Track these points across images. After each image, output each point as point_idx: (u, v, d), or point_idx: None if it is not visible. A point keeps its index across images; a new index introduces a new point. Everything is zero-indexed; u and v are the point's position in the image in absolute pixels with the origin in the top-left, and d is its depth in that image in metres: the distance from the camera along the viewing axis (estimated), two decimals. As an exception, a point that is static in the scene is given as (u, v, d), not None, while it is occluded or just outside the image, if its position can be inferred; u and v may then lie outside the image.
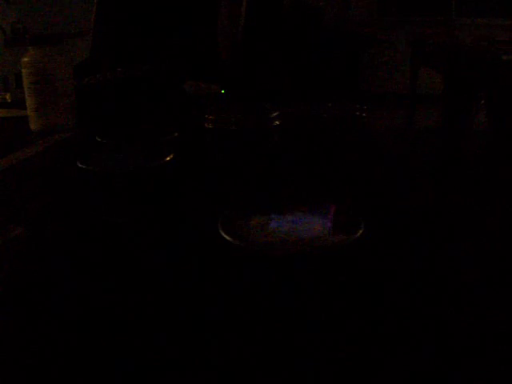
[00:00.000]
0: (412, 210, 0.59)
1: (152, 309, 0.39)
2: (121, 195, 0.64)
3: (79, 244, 0.50)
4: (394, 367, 0.33)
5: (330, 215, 0.49)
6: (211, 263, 0.45)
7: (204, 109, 0.78)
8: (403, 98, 4.74)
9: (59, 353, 0.34)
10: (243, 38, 1.60)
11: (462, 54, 3.31)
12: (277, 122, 0.76)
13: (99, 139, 0.80)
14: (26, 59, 0.91)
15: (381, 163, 0.77)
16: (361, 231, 0.46)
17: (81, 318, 0.38)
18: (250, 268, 0.44)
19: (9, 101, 1.27)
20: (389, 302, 0.40)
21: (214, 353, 0.34)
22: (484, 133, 3.31)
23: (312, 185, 0.65)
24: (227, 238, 0.45)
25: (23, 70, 0.91)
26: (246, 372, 0.33)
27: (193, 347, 0.35)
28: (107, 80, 1.20)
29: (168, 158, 0.69)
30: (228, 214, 0.49)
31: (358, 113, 0.83)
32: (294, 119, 0.83)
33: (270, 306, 0.39)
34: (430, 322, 0.37)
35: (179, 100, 1.18)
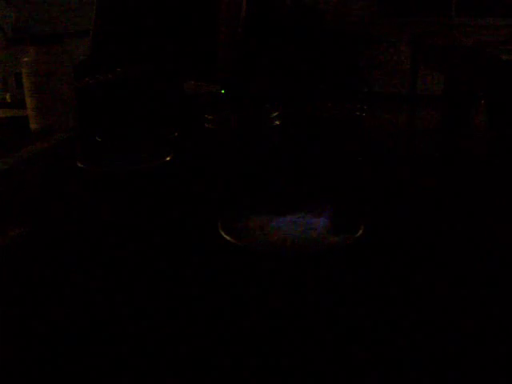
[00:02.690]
0: (412, 209, 0.59)
1: (152, 308, 0.39)
2: (121, 195, 0.64)
3: (79, 244, 0.50)
4: (394, 366, 0.33)
5: (329, 215, 0.49)
6: (211, 263, 0.45)
7: (204, 109, 0.78)
8: (403, 98, 4.73)
9: (59, 352, 0.34)
10: (243, 37, 1.60)
11: (461, 54, 3.31)
12: (277, 122, 0.76)
13: (99, 139, 0.80)
14: (26, 59, 0.91)
15: (381, 163, 0.77)
16: (361, 231, 0.46)
17: (81, 318, 0.38)
18: (250, 268, 0.44)
19: (9, 101, 1.27)
20: (389, 302, 0.40)
21: (214, 352, 0.34)
22: (484, 133, 3.31)
23: (312, 185, 0.65)
24: (227, 237, 0.45)
25: (23, 70, 0.91)
26: (245, 371, 0.33)
27: (193, 347, 0.35)
28: (107, 80, 1.20)
29: (168, 158, 0.69)
30: (228, 214, 0.49)
31: (357, 113, 0.83)
32: (294, 119, 0.83)
33: (270, 305, 0.39)
34: (429, 321, 0.37)
35: (179, 100, 1.18)
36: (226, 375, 0.32)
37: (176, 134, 0.83)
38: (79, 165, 0.67)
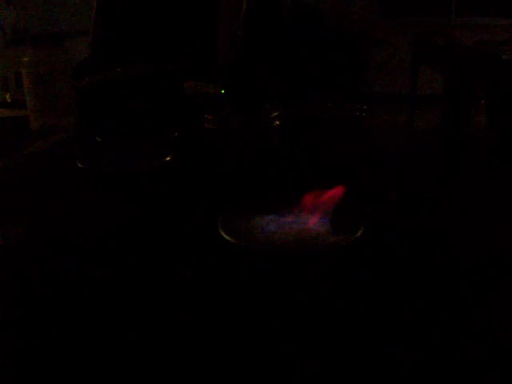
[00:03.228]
0: (412, 209, 0.59)
1: (152, 308, 0.39)
2: (120, 195, 0.63)
3: (79, 244, 0.50)
4: (394, 366, 0.33)
5: (330, 215, 0.49)
6: (211, 263, 0.45)
7: (204, 109, 0.78)
8: (403, 98, 4.73)
9: (58, 352, 0.34)
10: (243, 38, 1.60)
11: (462, 54, 3.31)
12: (277, 122, 0.76)
13: (99, 139, 0.80)
14: (26, 59, 0.91)
15: (381, 163, 0.77)
16: (361, 231, 0.46)
17: (81, 318, 0.38)
18: (250, 268, 0.44)
19: (9, 101, 1.27)
20: (389, 302, 0.40)
21: (213, 351, 0.34)
22: (484, 133, 3.31)
23: (312, 185, 0.65)
24: (227, 237, 0.45)
25: (23, 70, 0.91)
26: (245, 370, 0.33)
27: (193, 346, 0.35)
28: (107, 80, 1.20)
29: (168, 158, 0.69)
30: (228, 214, 0.49)
31: (357, 113, 0.83)
32: (294, 119, 0.83)
33: (270, 305, 0.39)
34: (429, 321, 0.37)
35: (179, 100, 1.18)
36: (226, 375, 0.32)
37: (176, 134, 0.83)
38: (79, 165, 0.67)
